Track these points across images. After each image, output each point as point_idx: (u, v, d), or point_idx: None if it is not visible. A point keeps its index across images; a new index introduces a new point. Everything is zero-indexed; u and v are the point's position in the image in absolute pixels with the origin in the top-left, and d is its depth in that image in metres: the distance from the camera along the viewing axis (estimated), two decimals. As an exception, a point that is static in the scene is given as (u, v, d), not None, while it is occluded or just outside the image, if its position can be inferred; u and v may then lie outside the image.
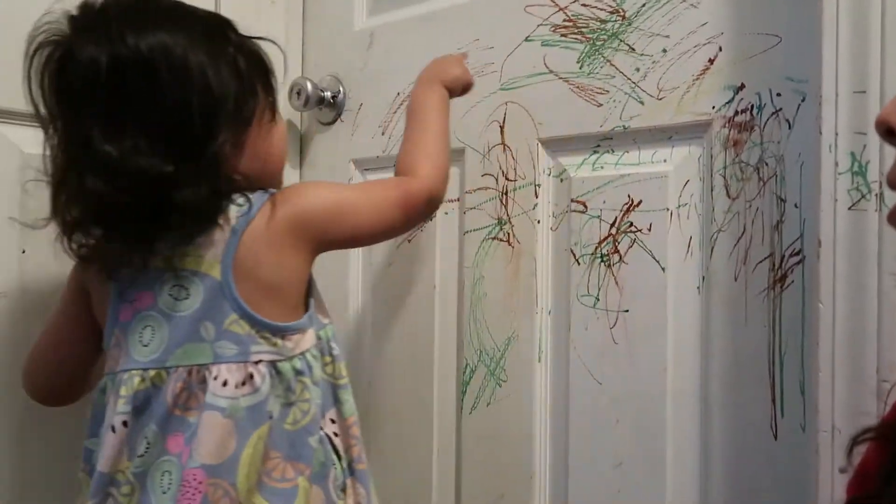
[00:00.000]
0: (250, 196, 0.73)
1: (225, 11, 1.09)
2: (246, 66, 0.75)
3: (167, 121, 0.68)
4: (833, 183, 0.65)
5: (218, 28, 0.76)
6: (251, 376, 0.72)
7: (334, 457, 0.78)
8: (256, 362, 0.72)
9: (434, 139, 0.85)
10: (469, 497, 1.00)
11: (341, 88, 1.15)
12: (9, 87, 0.76)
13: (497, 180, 0.98)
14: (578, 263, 0.91)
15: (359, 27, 1.14)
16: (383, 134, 1.10)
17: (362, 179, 1.14)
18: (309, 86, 1.12)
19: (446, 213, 1.04)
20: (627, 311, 0.87)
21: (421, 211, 0.82)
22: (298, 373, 0.74)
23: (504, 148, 0.97)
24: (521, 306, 0.95)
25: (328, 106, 1.15)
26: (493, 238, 0.98)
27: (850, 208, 0.64)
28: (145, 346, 0.72)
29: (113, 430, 0.71)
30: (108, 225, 0.70)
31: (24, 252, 0.90)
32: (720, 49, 0.81)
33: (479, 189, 1.00)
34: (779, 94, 0.77)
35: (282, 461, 0.73)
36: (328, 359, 0.79)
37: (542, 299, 0.94)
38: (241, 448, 0.71)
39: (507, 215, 0.97)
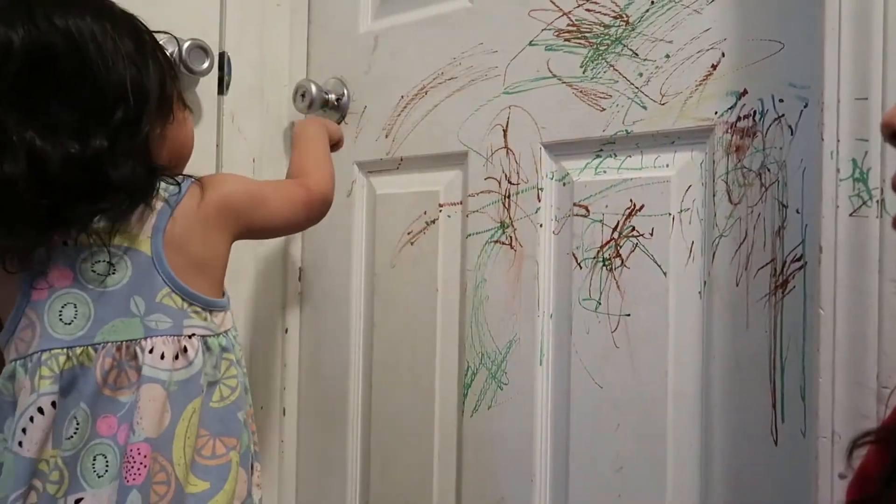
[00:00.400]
0: (177, 178, 0.77)
1: (230, 13, 1.11)
2: (162, 55, 0.78)
3: (101, 101, 0.70)
4: (834, 189, 0.65)
5: (134, 19, 0.78)
6: (185, 350, 0.74)
7: (247, 475, 0.80)
8: (190, 336, 0.75)
9: (322, 153, 0.97)
10: (470, 499, 1.00)
11: (345, 91, 1.15)
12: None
13: (500, 184, 0.98)
14: (580, 267, 0.91)
15: (363, 30, 1.14)
16: (387, 136, 1.10)
17: (366, 182, 1.14)
18: (313, 88, 1.12)
19: (449, 217, 1.04)
20: (629, 315, 0.87)
21: (318, 210, 0.91)
22: (224, 349, 0.78)
23: (507, 152, 0.98)
24: (522, 310, 0.96)
25: (332, 108, 1.15)
26: (496, 241, 0.99)
27: (851, 214, 0.65)
28: (67, 324, 0.71)
29: (41, 412, 0.69)
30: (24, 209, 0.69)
31: None
32: (723, 55, 0.81)
33: (481, 192, 1.00)
34: (781, 100, 0.77)
35: (210, 438, 0.75)
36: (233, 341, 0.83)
37: (543, 303, 0.95)
38: (176, 422, 0.72)
39: (510, 219, 0.97)
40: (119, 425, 0.71)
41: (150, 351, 0.72)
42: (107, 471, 0.70)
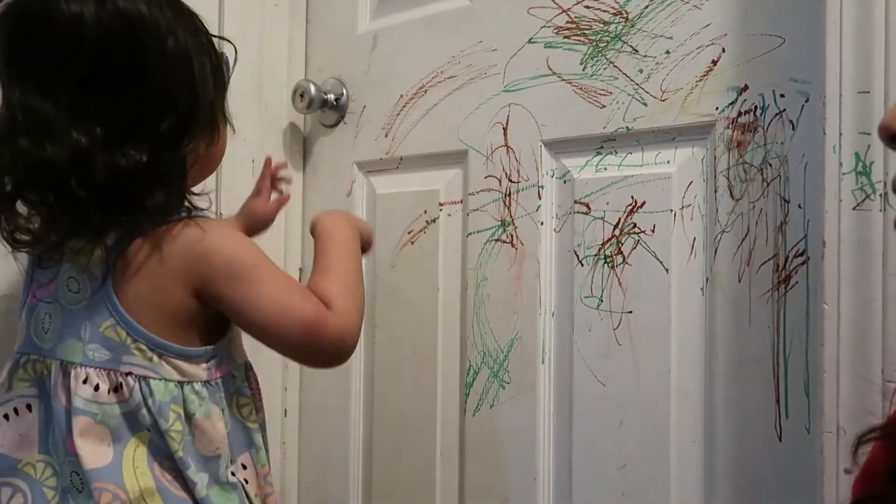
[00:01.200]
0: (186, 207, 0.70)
1: (229, 13, 1.10)
2: (217, 63, 0.73)
3: (150, 107, 0.65)
4: (837, 183, 0.65)
5: (196, 17, 0.72)
6: (121, 385, 0.68)
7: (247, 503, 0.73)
8: (126, 374, 0.68)
9: (354, 271, 0.76)
10: (473, 498, 1.00)
11: (344, 91, 1.15)
12: None
13: (500, 182, 0.98)
14: (582, 265, 0.91)
15: (362, 30, 1.14)
16: (386, 136, 1.10)
17: (366, 181, 1.14)
18: (312, 88, 1.12)
19: (449, 216, 1.04)
20: (631, 312, 0.87)
21: (327, 350, 0.70)
22: (173, 400, 0.69)
23: (507, 150, 0.97)
24: (524, 308, 0.95)
25: (331, 108, 1.15)
26: (497, 240, 0.98)
27: (854, 208, 0.64)
28: (45, 332, 0.70)
29: (16, 412, 0.69)
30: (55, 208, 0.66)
31: None
32: (723, 50, 0.81)
33: (482, 191, 1.00)
34: (782, 96, 0.77)
35: (176, 470, 0.70)
36: (245, 399, 0.75)
37: (545, 301, 0.94)
38: (121, 453, 0.68)
39: (511, 217, 0.97)
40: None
41: (84, 381, 0.68)
42: (83, 487, 0.67)
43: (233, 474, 0.72)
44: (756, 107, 0.79)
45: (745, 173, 0.80)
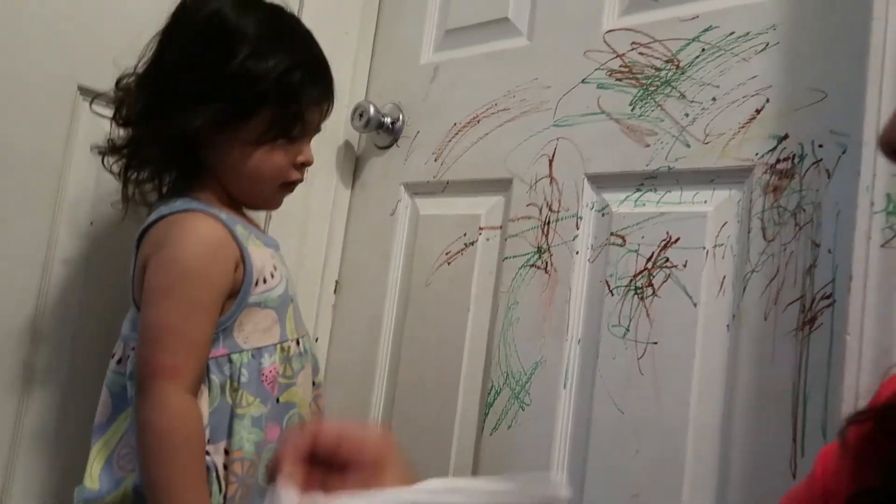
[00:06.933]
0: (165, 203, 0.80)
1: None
2: (282, 86, 0.82)
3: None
4: (868, 221, 0.68)
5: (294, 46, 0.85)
6: (127, 357, 0.76)
7: (215, 487, 0.74)
8: (133, 347, 0.76)
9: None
10: (481, 515, 1.00)
11: (401, 116, 1.21)
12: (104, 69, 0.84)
13: (541, 211, 1.02)
14: (612, 294, 0.94)
15: (424, 61, 1.21)
16: (436, 160, 1.15)
17: (411, 202, 1.19)
18: (371, 109, 1.19)
19: (488, 240, 1.08)
20: (656, 343, 0.89)
21: (141, 391, 0.71)
22: (130, 376, 0.75)
23: (551, 180, 1.02)
24: (551, 333, 0.98)
25: (386, 131, 1.21)
26: (531, 265, 1.02)
27: (882, 245, 0.67)
28: None
29: None
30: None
31: (91, 223, 0.96)
32: (767, 100, 0.85)
33: (522, 218, 1.04)
34: (821, 146, 0.81)
35: (131, 452, 0.74)
36: (235, 384, 0.77)
37: (573, 327, 0.97)
38: (111, 423, 0.76)
39: (548, 244, 1.01)
40: None
41: (113, 354, 0.79)
42: None
43: (207, 454, 0.73)
44: (794, 155, 0.83)
45: (778, 216, 0.83)
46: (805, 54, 0.83)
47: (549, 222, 1.01)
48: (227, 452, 0.76)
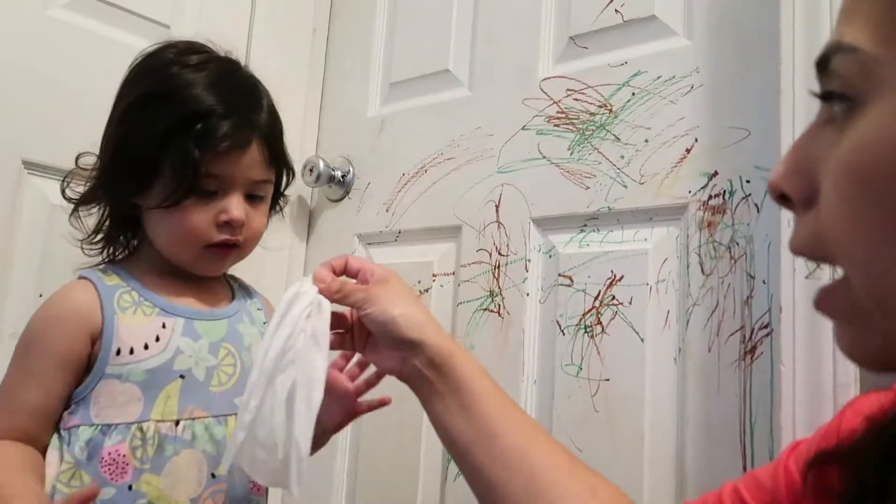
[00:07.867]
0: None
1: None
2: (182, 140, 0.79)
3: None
4: (791, 255, 0.71)
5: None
6: None
7: None
8: None
9: None
10: (449, 563, 1.00)
11: (351, 168, 1.23)
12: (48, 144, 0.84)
13: (490, 255, 1.05)
14: (563, 334, 0.96)
15: (371, 114, 1.24)
16: (387, 211, 1.17)
17: (365, 253, 1.20)
18: (321, 164, 1.21)
19: (442, 286, 1.10)
20: (608, 379, 0.91)
21: None
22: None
23: (498, 225, 1.05)
24: (508, 375, 1.00)
25: (337, 184, 1.23)
26: (485, 309, 1.04)
27: (806, 277, 0.70)
28: None
29: None
30: None
31: (40, 296, 0.96)
32: (696, 140, 0.89)
33: (473, 263, 1.06)
34: (748, 181, 0.85)
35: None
36: (66, 465, 0.71)
37: (528, 368, 0.99)
38: None
39: (499, 287, 1.03)
40: None
41: None
42: None
43: None
44: (725, 191, 0.86)
45: (714, 251, 0.86)
46: (727, 95, 0.87)
47: (499, 266, 1.04)
48: None
